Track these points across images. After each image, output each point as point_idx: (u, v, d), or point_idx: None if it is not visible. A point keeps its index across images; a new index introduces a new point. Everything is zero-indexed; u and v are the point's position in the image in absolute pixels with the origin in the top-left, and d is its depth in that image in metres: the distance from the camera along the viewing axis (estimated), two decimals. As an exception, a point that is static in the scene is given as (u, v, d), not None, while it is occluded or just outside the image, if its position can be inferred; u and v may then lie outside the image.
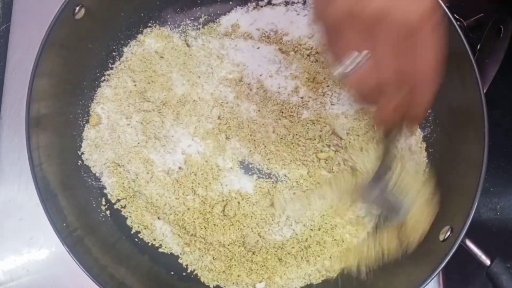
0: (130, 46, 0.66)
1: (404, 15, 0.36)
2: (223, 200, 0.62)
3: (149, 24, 0.67)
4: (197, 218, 0.62)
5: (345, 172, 0.62)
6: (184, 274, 0.62)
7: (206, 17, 0.68)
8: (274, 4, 0.67)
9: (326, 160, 0.63)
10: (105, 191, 0.63)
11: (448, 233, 0.53)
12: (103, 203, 0.63)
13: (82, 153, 0.63)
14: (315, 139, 0.63)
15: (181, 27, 0.68)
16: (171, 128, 0.63)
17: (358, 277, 0.59)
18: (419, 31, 0.37)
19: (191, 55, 0.66)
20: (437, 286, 0.62)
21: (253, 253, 0.61)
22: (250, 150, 0.63)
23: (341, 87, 0.64)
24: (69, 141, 0.62)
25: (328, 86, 0.64)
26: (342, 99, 0.64)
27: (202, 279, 0.62)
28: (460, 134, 0.57)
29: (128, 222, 0.63)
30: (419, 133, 0.63)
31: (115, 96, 0.65)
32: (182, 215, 0.62)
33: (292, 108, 0.64)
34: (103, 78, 0.65)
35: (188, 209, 0.62)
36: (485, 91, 0.58)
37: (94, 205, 0.62)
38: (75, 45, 0.60)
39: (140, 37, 0.67)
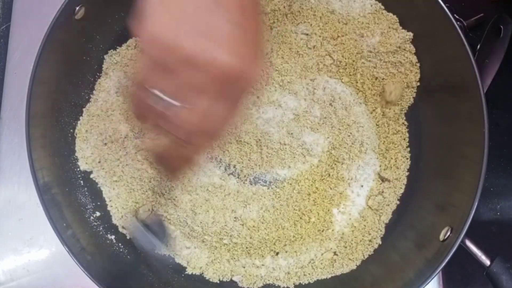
0: (129, 46, 0.66)
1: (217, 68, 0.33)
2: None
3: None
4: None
5: None
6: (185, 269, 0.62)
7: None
8: None
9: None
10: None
11: (448, 233, 0.53)
12: (103, 203, 0.63)
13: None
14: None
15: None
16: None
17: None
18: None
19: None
20: (437, 286, 0.62)
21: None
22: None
23: None
24: (70, 141, 0.62)
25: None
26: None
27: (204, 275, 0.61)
28: (460, 134, 0.57)
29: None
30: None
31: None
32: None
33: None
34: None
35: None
36: (485, 91, 0.58)
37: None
38: (75, 45, 0.60)
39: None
